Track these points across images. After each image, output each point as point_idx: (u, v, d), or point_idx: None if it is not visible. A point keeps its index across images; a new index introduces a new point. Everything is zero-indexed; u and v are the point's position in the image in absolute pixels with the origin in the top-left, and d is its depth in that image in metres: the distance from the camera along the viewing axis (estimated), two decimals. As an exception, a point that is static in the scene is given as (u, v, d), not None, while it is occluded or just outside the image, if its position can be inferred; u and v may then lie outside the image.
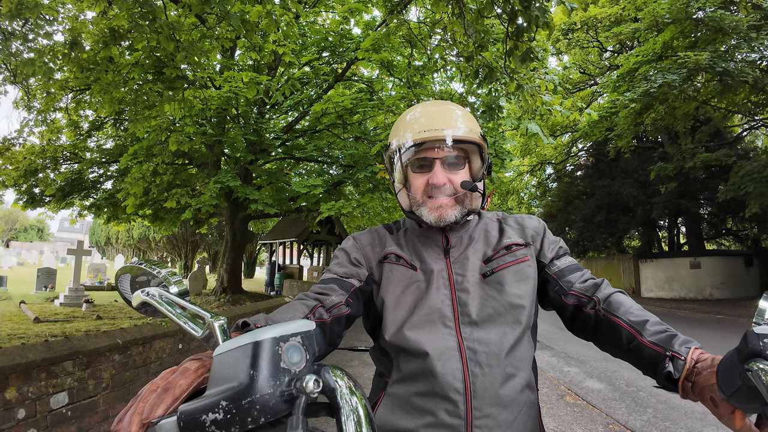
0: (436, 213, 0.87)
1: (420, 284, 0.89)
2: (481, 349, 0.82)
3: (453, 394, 0.79)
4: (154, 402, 0.41)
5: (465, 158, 0.91)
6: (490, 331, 0.83)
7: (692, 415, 3.88)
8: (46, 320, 7.13)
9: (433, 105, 0.94)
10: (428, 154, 0.88)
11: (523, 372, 0.85)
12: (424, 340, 0.83)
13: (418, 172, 0.90)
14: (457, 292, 0.87)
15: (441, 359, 0.81)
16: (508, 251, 0.91)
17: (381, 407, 0.88)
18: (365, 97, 9.06)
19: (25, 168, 9.56)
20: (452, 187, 0.88)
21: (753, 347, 0.52)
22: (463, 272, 0.89)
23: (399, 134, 0.90)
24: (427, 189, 0.89)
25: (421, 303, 0.86)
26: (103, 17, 5.24)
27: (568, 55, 19.56)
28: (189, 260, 25.59)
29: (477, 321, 0.84)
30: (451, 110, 0.91)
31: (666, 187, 14.56)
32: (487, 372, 0.80)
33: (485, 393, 0.79)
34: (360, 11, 9.09)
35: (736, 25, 10.00)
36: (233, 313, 5.07)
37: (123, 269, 0.71)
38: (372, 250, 0.95)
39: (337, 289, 0.86)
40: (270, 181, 10.35)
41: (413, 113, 0.92)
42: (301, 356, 0.40)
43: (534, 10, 3.49)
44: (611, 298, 0.85)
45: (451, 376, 0.80)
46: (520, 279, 0.89)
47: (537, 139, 5.38)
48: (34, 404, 2.33)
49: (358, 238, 0.99)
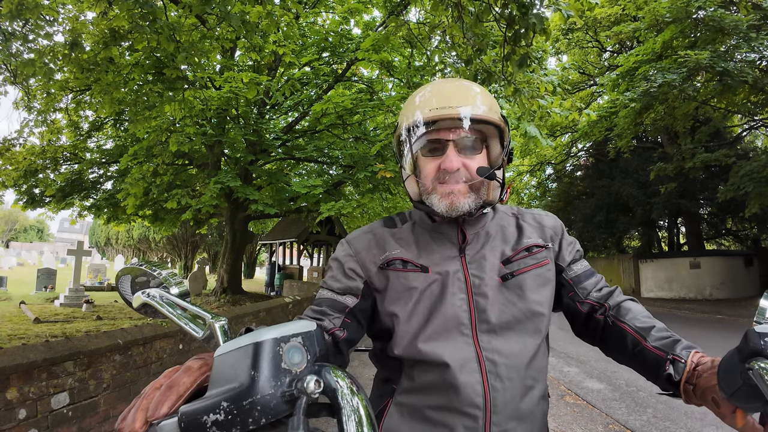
0: (447, 200, 0.77)
1: (433, 289, 0.80)
2: (502, 361, 0.76)
3: (473, 410, 0.74)
4: (159, 399, 0.41)
5: (483, 141, 0.81)
6: (510, 339, 0.78)
7: (692, 415, 3.88)
8: (47, 321, 7.13)
9: (446, 82, 0.83)
10: (441, 135, 0.78)
11: (540, 383, 0.81)
12: (442, 351, 0.76)
13: (428, 156, 0.80)
14: (474, 297, 0.79)
15: (461, 371, 0.75)
16: (529, 253, 0.83)
17: (389, 417, 0.81)
18: (365, 97, 9.06)
19: (25, 168, 9.55)
20: (467, 173, 0.78)
21: (754, 346, 0.52)
22: (481, 274, 0.80)
23: (408, 115, 0.80)
24: (438, 175, 0.78)
25: (436, 311, 0.78)
26: (104, 18, 5.24)
27: (567, 55, 19.57)
28: (189, 261, 25.59)
29: (496, 329, 0.78)
30: (467, 86, 0.80)
31: (666, 187, 14.56)
32: (508, 386, 0.75)
33: (505, 407, 0.75)
34: (360, 12, 9.09)
35: (736, 25, 10.00)
36: (233, 313, 5.07)
37: (123, 270, 0.71)
38: (368, 256, 0.84)
39: (330, 313, 0.79)
40: (270, 181, 10.35)
41: (423, 92, 0.81)
42: (302, 357, 0.40)
43: (531, 16, 3.51)
44: (622, 305, 0.82)
45: (471, 389, 0.74)
46: (541, 284, 0.82)
47: (536, 141, 5.39)
48: (35, 404, 2.33)
49: (352, 243, 0.88)
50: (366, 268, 0.84)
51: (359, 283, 0.83)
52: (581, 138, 17.61)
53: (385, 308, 0.82)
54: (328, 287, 0.84)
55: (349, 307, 0.81)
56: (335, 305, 0.81)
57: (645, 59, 12.11)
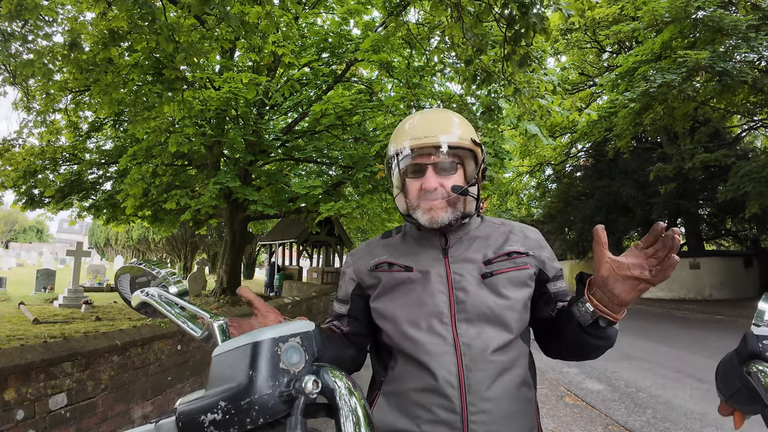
0: (428, 215, 0.90)
1: (416, 284, 0.91)
2: (475, 345, 0.84)
3: (448, 389, 0.81)
4: None
5: (459, 163, 0.93)
6: (485, 329, 0.86)
7: (691, 415, 3.88)
8: (45, 321, 7.12)
9: (430, 113, 0.98)
10: (422, 160, 0.91)
11: (517, 369, 0.87)
12: (420, 338, 0.86)
13: (412, 177, 0.94)
14: (455, 291, 0.89)
15: (436, 355, 0.83)
16: (509, 257, 0.93)
17: (376, 408, 0.90)
18: (365, 98, 9.06)
19: (25, 169, 9.54)
20: (444, 190, 0.90)
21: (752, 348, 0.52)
22: (462, 272, 0.91)
23: (397, 141, 0.94)
24: (420, 193, 0.92)
25: (417, 302, 0.89)
26: (103, 18, 5.24)
27: (566, 55, 19.58)
28: (188, 261, 25.58)
29: (473, 318, 0.86)
30: (447, 118, 0.95)
31: (665, 188, 14.57)
32: (482, 367, 0.83)
33: (479, 387, 0.81)
34: (359, 12, 9.09)
35: (735, 25, 10.00)
36: (233, 314, 5.06)
37: (122, 269, 0.71)
38: (362, 262, 1.00)
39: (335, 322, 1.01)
40: (269, 182, 10.33)
41: (411, 121, 0.95)
42: (300, 357, 0.40)
43: (532, 16, 3.50)
44: None
45: (446, 371, 0.82)
46: (517, 285, 0.91)
47: (536, 141, 5.38)
48: (32, 405, 2.32)
49: (353, 254, 1.06)
50: (359, 272, 1.00)
51: (353, 286, 1.00)
52: (581, 138, 17.62)
53: (374, 302, 0.96)
54: (336, 297, 1.04)
55: (344, 314, 1.00)
56: (335, 314, 1.02)
57: (644, 59, 12.13)
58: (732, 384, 0.56)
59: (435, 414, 0.81)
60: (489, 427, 0.80)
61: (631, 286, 0.73)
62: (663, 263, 0.69)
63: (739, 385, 0.54)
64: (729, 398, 0.57)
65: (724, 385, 0.58)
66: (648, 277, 0.70)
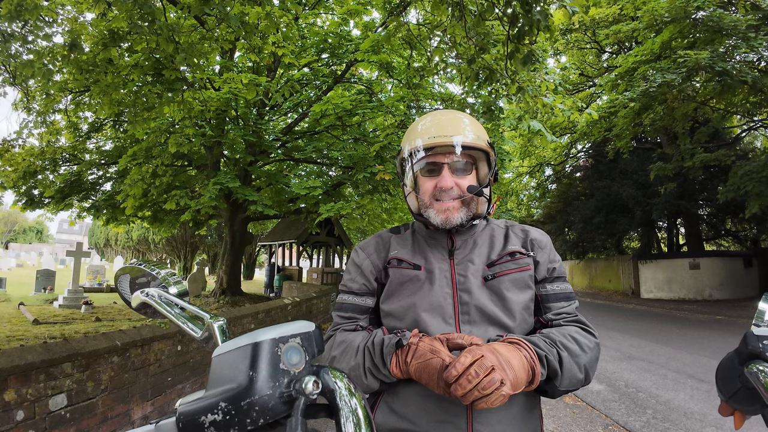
0: (443, 215, 0.90)
1: (423, 282, 0.92)
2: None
3: None
4: None
5: (472, 164, 0.95)
6: (488, 330, 0.87)
7: (691, 416, 3.88)
8: (45, 322, 7.13)
9: (442, 114, 0.98)
10: (437, 159, 0.92)
11: None
12: (425, 332, 0.86)
13: (427, 176, 0.94)
14: (459, 292, 0.90)
15: None
16: (511, 258, 0.93)
17: (379, 408, 0.90)
18: (365, 98, 9.06)
19: (24, 169, 9.55)
20: (459, 190, 0.91)
21: (752, 349, 0.52)
22: (466, 273, 0.91)
23: (410, 141, 0.94)
24: (435, 192, 0.92)
25: (423, 298, 0.90)
26: (103, 19, 5.24)
27: (566, 55, 19.58)
28: (188, 262, 25.57)
29: (476, 320, 0.87)
30: (459, 118, 0.95)
31: (665, 188, 14.57)
32: None
33: None
34: (359, 13, 9.09)
35: (735, 26, 10.00)
36: (232, 314, 5.06)
37: (122, 270, 0.71)
38: (378, 256, 1.00)
39: (358, 317, 0.97)
40: (269, 182, 10.34)
41: (424, 122, 0.96)
42: (301, 357, 0.40)
43: (535, 14, 3.49)
44: (554, 324, 0.91)
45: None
46: (519, 288, 0.91)
47: (541, 139, 5.35)
48: (32, 406, 2.32)
49: (365, 248, 1.03)
50: (377, 267, 0.99)
51: (373, 280, 0.98)
52: (580, 139, 17.64)
53: (384, 299, 0.96)
54: (348, 290, 0.99)
55: (371, 307, 0.98)
56: (358, 308, 0.97)
57: (644, 59, 12.13)
58: (732, 384, 0.56)
59: (439, 415, 0.81)
60: (493, 428, 0.80)
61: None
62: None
63: (739, 386, 0.54)
64: (729, 398, 0.56)
65: (724, 385, 0.58)
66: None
